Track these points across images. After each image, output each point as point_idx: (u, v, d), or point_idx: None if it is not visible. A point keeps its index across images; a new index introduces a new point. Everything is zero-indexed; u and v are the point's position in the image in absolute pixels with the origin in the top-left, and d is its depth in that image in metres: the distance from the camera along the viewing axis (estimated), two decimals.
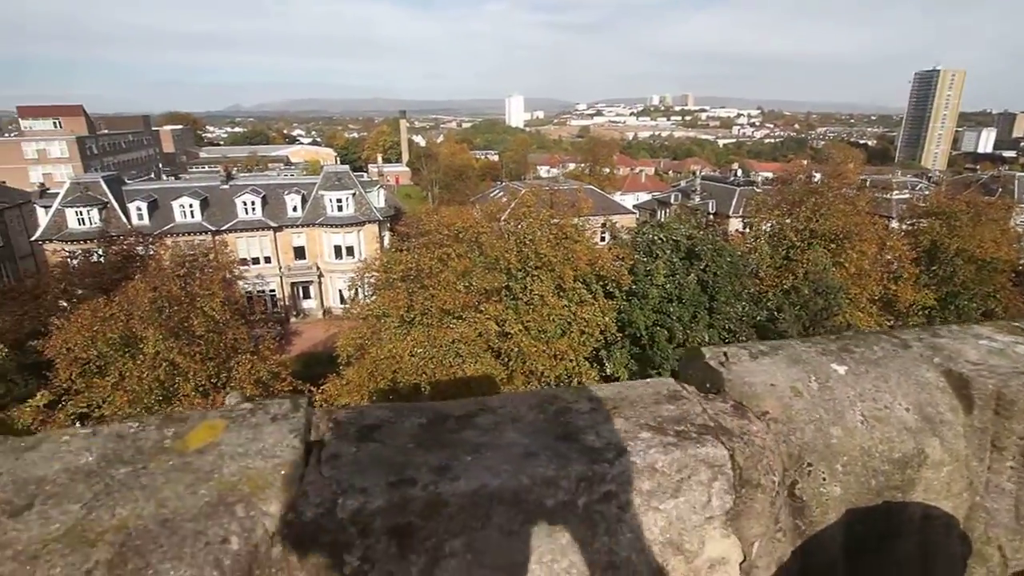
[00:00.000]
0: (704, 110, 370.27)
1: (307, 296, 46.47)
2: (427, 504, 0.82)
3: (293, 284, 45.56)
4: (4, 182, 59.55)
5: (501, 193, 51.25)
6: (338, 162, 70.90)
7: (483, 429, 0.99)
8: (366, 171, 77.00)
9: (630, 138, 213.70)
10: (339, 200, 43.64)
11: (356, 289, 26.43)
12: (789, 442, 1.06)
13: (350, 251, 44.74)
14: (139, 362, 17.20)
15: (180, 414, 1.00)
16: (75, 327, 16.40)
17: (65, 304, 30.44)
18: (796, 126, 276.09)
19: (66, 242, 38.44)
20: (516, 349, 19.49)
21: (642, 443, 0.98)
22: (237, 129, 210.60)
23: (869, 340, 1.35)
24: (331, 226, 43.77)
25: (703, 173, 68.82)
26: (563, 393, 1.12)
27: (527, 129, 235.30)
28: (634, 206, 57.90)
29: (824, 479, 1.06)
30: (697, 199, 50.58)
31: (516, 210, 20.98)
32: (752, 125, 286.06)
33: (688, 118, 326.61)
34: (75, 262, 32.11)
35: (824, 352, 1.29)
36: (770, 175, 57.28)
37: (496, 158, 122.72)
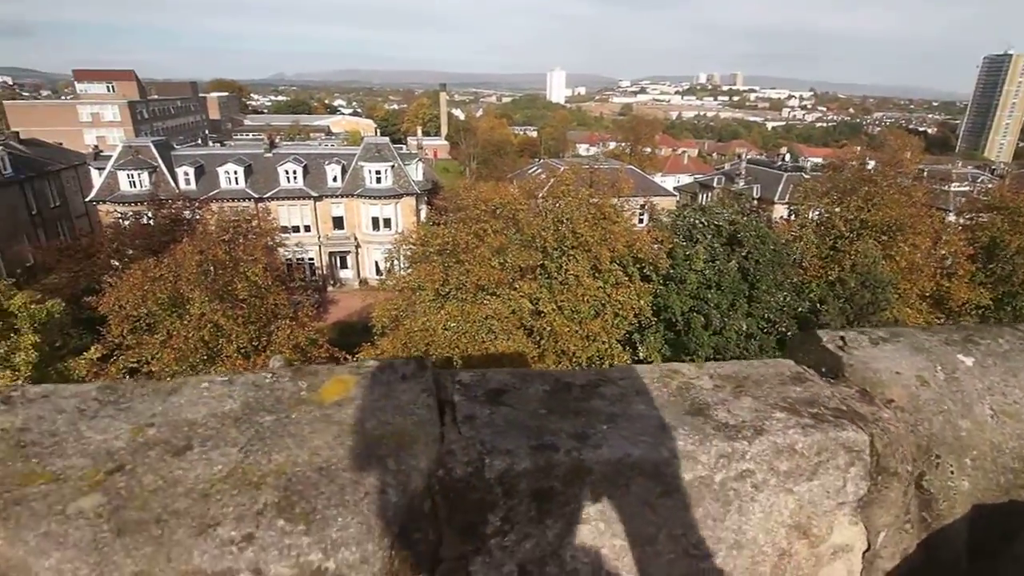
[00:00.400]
0: (753, 90, 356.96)
1: (344, 266, 47.32)
2: (571, 469, 0.82)
3: (331, 253, 46.41)
4: (61, 143, 61.96)
5: (539, 170, 50.81)
6: (378, 133, 71.33)
7: (610, 399, 0.98)
8: (405, 143, 77.32)
9: (674, 117, 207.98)
10: (378, 172, 43.97)
11: (392, 261, 26.72)
12: (917, 432, 1.01)
13: (387, 223, 45.21)
14: (186, 322, 17.88)
15: (309, 367, 1.02)
16: (127, 286, 17.10)
17: (117, 263, 31.75)
18: (851, 110, 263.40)
19: (118, 203, 39.87)
20: (548, 328, 19.50)
21: (778, 423, 0.95)
22: (280, 98, 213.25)
23: (994, 332, 1.28)
24: (369, 197, 44.23)
25: (749, 156, 66.70)
26: (682, 368, 1.09)
27: (568, 105, 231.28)
28: (675, 188, 56.65)
29: (952, 472, 1.02)
30: (741, 183, 49.14)
31: (555, 188, 20.77)
32: (803, 108, 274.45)
33: (736, 98, 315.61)
34: (126, 223, 33.34)
35: (948, 342, 1.23)
36: (820, 161, 55.14)
37: (535, 134, 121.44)
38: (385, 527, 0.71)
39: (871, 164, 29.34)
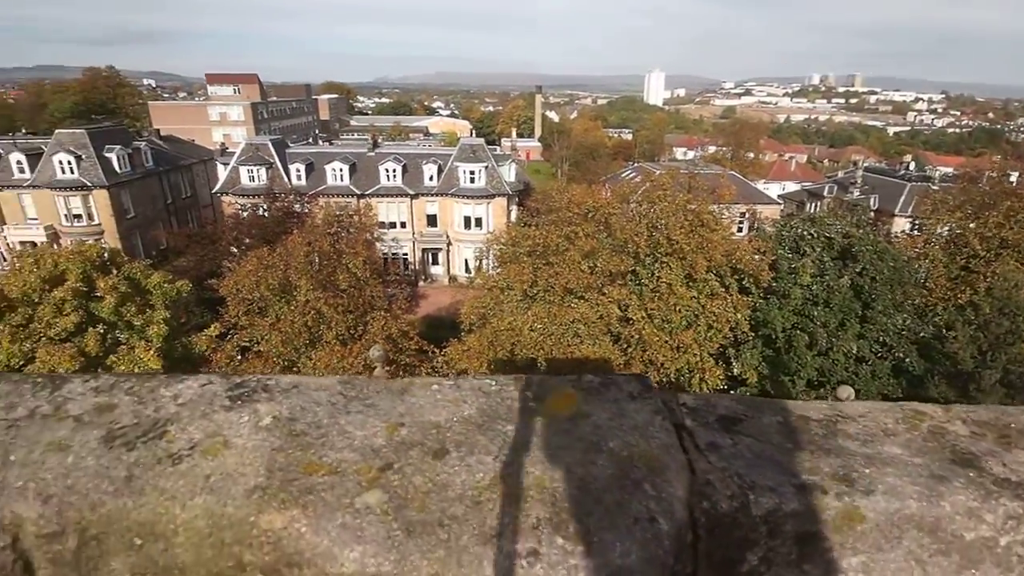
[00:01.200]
0: (874, 92, 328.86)
1: (435, 262, 48.89)
2: (842, 515, 0.77)
3: (424, 250, 48.10)
4: (194, 140, 68.72)
5: (634, 174, 49.86)
6: (473, 135, 73.07)
7: (858, 439, 0.91)
8: (499, 144, 78.68)
9: (781, 120, 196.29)
10: (472, 172, 44.99)
11: (482, 260, 27.20)
12: None
13: (478, 222, 46.18)
14: (292, 308, 19.22)
15: (528, 377, 1.03)
16: (244, 272, 18.62)
17: (235, 250, 34.81)
18: (990, 114, 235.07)
19: (239, 196, 43.67)
20: (637, 336, 19.05)
21: None
22: (383, 100, 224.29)
23: None
24: (463, 197, 45.36)
25: (866, 164, 61.53)
26: (926, 409, 0.99)
27: (666, 107, 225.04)
28: (779, 196, 53.43)
29: None
30: (856, 193, 45.44)
31: (650, 192, 20.24)
32: (932, 112, 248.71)
33: (854, 101, 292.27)
34: (245, 214, 36.45)
35: None
36: (951, 171, 49.86)
37: (630, 137, 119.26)
38: (662, 558, 0.68)
39: (1014, 176, 26.12)
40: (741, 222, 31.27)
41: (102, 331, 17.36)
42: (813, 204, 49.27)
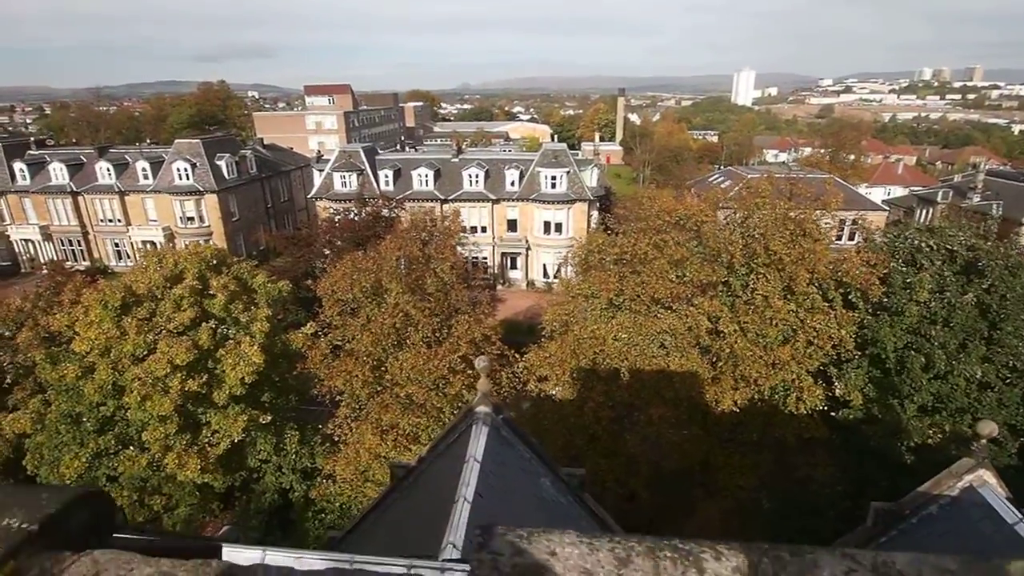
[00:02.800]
0: (996, 87, 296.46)
1: (514, 266, 49.26)
2: None
3: (503, 254, 48.61)
4: (292, 148, 73.37)
5: (722, 178, 47.82)
6: (555, 139, 73.07)
7: None
8: (579, 148, 78.07)
9: (886, 119, 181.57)
10: (554, 177, 44.98)
11: (565, 266, 26.94)
12: None
13: (558, 227, 46.07)
14: (382, 309, 19.90)
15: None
16: (339, 274, 19.50)
17: (327, 252, 36.74)
18: None
19: (332, 200, 46.10)
20: (728, 350, 18.12)
21: None
22: (465, 106, 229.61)
23: None
24: (543, 202, 45.44)
25: (987, 166, 55.48)
26: None
27: (755, 107, 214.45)
28: (884, 201, 49.32)
29: None
30: (976, 198, 41.08)
31: (747, 199, 19.19)
32: None
33: (971, 96, 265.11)
34: (337, 218, 38.34)
35: None
36: None
37: (716, 139, 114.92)
38: None
39: None
40: (840, 230, 29.02)
41: (213, 326, 18.77)
42: (924, 211, 45.04)
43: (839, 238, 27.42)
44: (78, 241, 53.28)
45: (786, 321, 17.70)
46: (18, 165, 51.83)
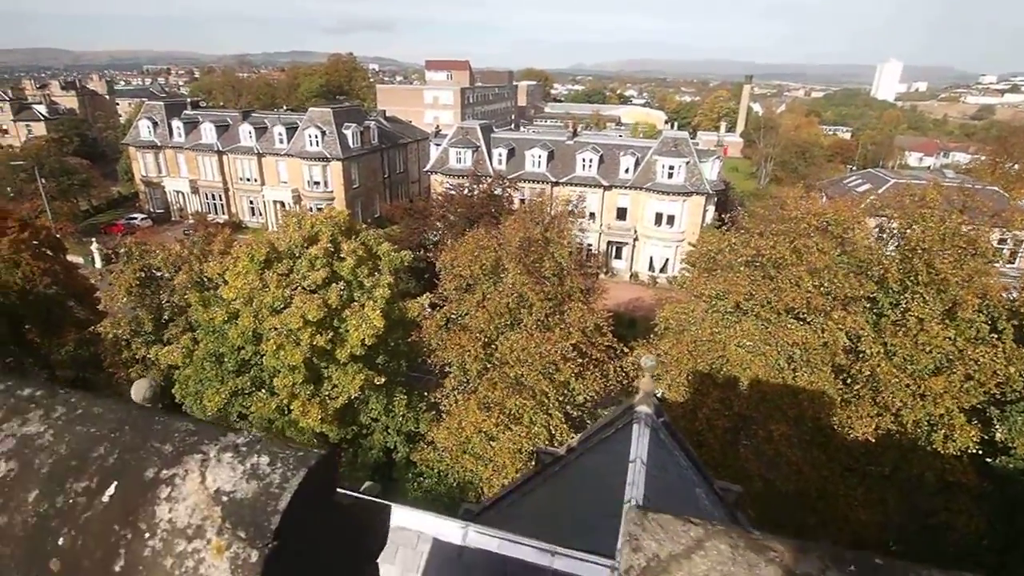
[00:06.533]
0: None
1: (619, 256, 48.17)
2: None
3: (609, 242, 47.63)
4: (411, 121, 75.92)
5: (861, 181, 43.61)
6: (674, 126, 70.02)
7: None
8: (695, 138, 74.39)
9: None
10: (671, 167, 43.16)
11: (671, 261, 25.76)
12: None
13: (670, 220, 44.32)
14: (499, 288, 20.10)
15: None
16: (463, 250, 19.86)
17: (439, 225, 37.78)
18: None
19: (446, 175, 47.25)
20: (868, 373, 16.53)
21: None
22: (577, 87, 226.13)
23: None
24: (658, 192, 43.82)
25: None
26: None
27: (898, 103, 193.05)
28: None
29: None
30: None
31: (910, 208, 17.17)
32: None
33: None
34: (453, 193, 39.21)
35: None
36: None
37: (848, 136, 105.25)
38: None
39: None
40: (1014, 254, 25.43)
41: (341, 288, 19.87)
42: None
43: (1012, 261, 23.98)
44: (219, 196, 58.72)
45: (941, 349, 15.83)
46: (176, 123, 57.74)
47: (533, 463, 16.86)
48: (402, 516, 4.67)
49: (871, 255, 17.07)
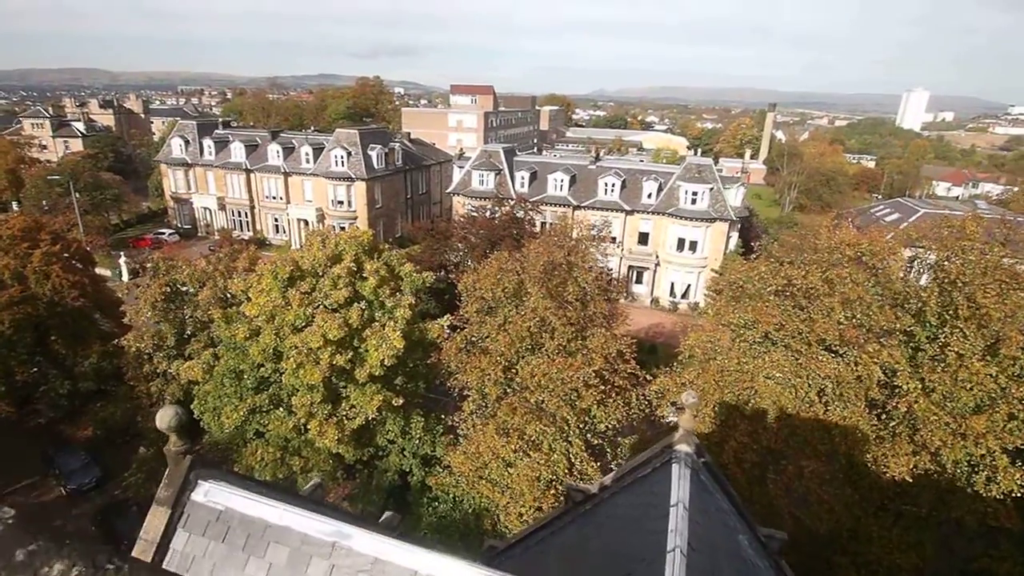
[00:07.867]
0: None
1: (639, 281, 47.70)
2: None
3: (630, 267, 47.23)
4: (434, 144, 76.89)
5: (890, 210, 42.83)
6: (698, 153, 69.77)
7: None
8: (718, 165, 73.98)
9: None
10: (695, 193, 42.87)
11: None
12: None
13: (692, 246, 43.86)
14: (521, 312, 19.83)
15: None
16: (485, 273, 19.70)
17: (460, 246, 37.81)
18: None
19: (469, 197, 47.51)
20: (905, 409, 15.85)
21: None
22: (599, 112, 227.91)
23: None
24: (681, 218, 43.48)
25: None
26: None
27: (924, 133, 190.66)
28: None
29: None
30: None
31: (948, 241, 16.62)
32: None
33: None
34: (474, 215, 39.32)
35: None
36: None
37: (873, 165, 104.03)
38: None
39: None
40: None
41: (363, 307, 19.81)
42: None
43: None
44: (245, 213, 59.79)
45: (983, 387, 15.12)
46: (207, 142, 59.23)
47: (558, 495, 16.36)
48: (423, 560, 4.43)
49: (907, 287, 16.51)
